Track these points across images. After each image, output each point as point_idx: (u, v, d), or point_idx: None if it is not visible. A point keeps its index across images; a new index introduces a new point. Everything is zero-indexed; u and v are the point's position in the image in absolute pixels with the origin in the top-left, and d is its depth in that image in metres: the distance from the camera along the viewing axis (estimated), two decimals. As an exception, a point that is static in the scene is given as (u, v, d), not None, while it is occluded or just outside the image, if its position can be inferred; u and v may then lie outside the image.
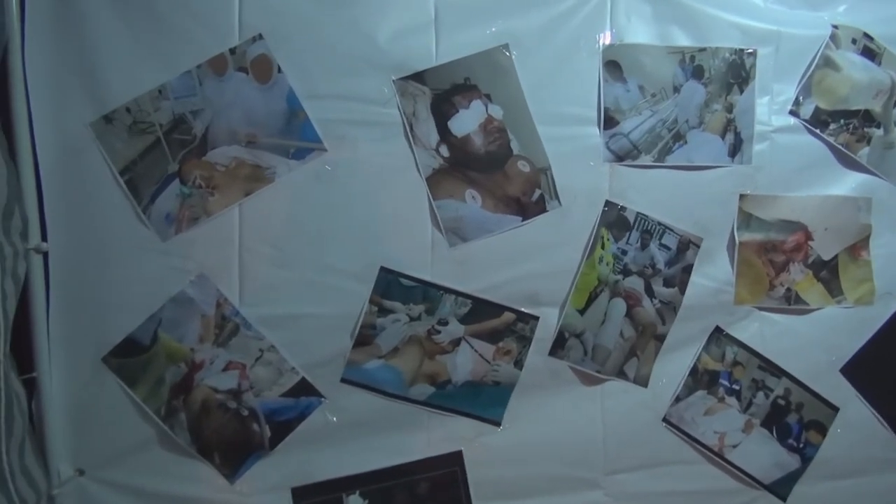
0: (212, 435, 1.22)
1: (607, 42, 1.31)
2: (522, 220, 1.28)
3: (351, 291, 1.25)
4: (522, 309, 1.30)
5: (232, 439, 1.22)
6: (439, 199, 1.25)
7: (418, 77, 1.23)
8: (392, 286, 1.25)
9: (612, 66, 1.31)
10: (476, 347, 1.29)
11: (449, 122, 1.25)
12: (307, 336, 1.25)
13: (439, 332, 1.28)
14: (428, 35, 1.24)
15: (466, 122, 1.26)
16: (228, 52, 1.19)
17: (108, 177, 1.19)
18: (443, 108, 1.25)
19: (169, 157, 1.19)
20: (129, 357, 1.19)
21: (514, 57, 1.27)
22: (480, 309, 1.28)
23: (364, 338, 1.25)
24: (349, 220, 1.25)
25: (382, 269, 1.24)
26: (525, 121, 1.27)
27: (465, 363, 1.29)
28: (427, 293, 1.26)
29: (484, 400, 1.32)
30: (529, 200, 1.28)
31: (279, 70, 1.20)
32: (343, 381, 1.26)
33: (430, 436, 1.31)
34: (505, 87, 1.27)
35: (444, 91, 1.24)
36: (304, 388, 1.25)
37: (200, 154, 1.20)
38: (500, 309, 1.29)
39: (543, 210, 1.29)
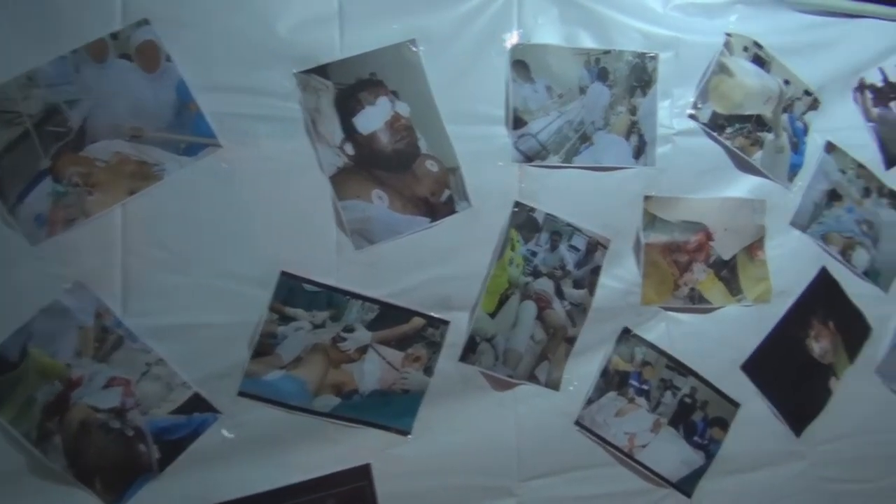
0: (92, 458, 1.22)
1: (515, 41, 1.44)
2: (431, 222, 1.39)
3: (249, 298, 1.29)
4: (432, 314, 1.40)
5: (115, 462, 1.23)
6: (344, 200, 1.33)
7: (321, 71, 1.30)
8: (294, 292, 1.31)
9: (520, 65, 1.44)
10: (384, 355, 1.38)
11: (354, 119, 1.33)
12: (201, 347, 1.27)
13: (345, 339, 1.35)
14: (332, 27, 1.32)
15: (372, 119, 1.34)
16: (110, 37, 1.21)
17: (-35, 173, 1.17)
18: (347, 104, 1.33)
19: (40, 151, 1.19)
20: (-7, 375, 1.18)
21: (421, 53, 1.37)
22: (388, 314, 1.37)
23: (264, 347, 1.30)
24: (247, 221, 1.29)
25: (283, 273, 1.30)
26: (433, 119, 1.38)
27: (372, 371, 1.37)
28: (332, 299, 1.33)
29: (393, 409, 1.40)
30: (438, 201, 1.39)
31: (168, 59, 1.23)
32: (241, 394, 1.30)
33: (337, 449, 1.37)
34: (412, 83, 1.37)
35: (348, 86, 1.32)
36: (197, 404, 1.28)
37: (77, 148, 1.21)
38: (408, 314, 1.38)
39: (453, 211, 1.40)
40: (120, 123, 1.22)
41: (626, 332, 1.55)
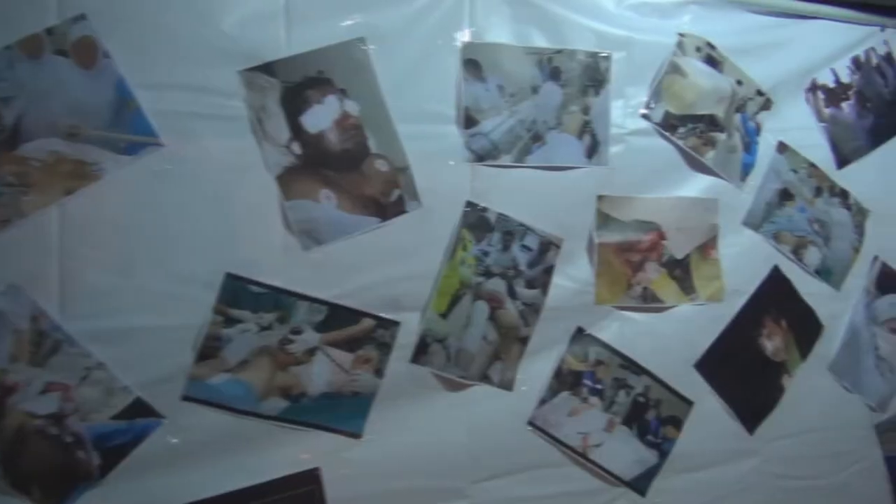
0: (29, 466, 1.19)
1: (467, 40, 1.45)
2: (381, 222, 1.38)
3: (193, 300, 1.28)
4: (382, 315, 1.40)
5: (54, 470, 1.21)
6: (291, 200, 1.32)
7: (267, 68, 1.29)
8: (239, 293, 1.30)
9: (472, 64, 1.45)
10: (333, 357, 1.37)
11: (301, 118, 1.33)
12: (143, 350, 1.26)
13: (293, 341, 1.34)
14: (277, 23, 1.31)
15: (320, 117, 1.34)
16: (45, 33, 1.19)
17: None
18: (294, 103, 1.32)
19: (-28, 150, 1.17)
20: (-78, 382, 1.15)
21: (370, 51, 1.37)
22: (337, 316, 1.37)
23: (209, 350, 1.29)
24: (191, 221, 1.27)
25: (228, 275, 1.28)
26: (383, 118, 1.38)
27: (321, 374, 1.37)
28: (279, 300, 1.32)
29: (343, 412, 1.40)
30: (388, 201, 1.39)
31: (106, 55, 1.21)
32: (185, 398, 1.28)
33: (286, 453, 1.36)
34: (361, 82, 1.37)
35: (295, 84, 1.32)
36: (139, 409, 1.26)
37: (11, 147, 1.18)
38: (358, 315, 1.38)
39: (403, 211, 1.40)
40: (56, 121, 1.20)
41: (579, 332, 1.56)
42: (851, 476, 1.88)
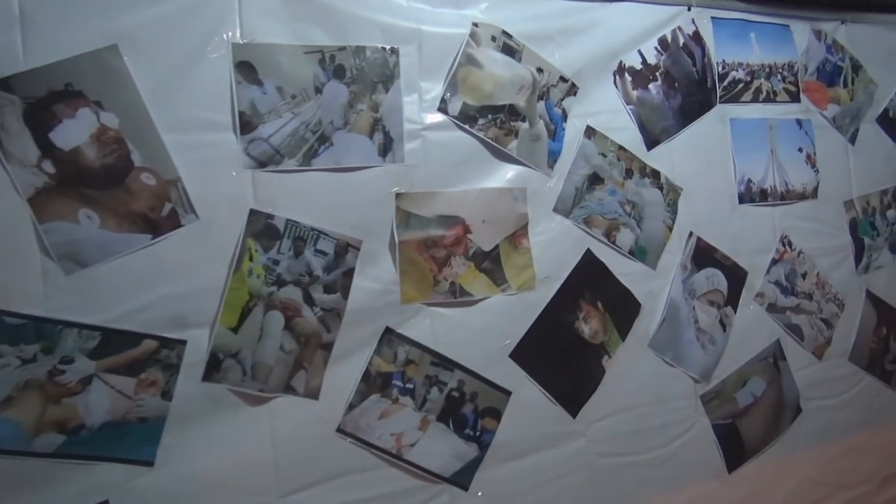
0: None
1: (237, 41, 1.44)
2: (153, 238, 1.38)
3: (-61, 339, 1.24)
4: (165, 334, 1.40)
5: None
6: (47, 222, 1.29)
7: (2, 84, 1.26)
8: (-8, 328, 1.27)
9: (245, 67, 1.45)
10: (112, 383, 1.36)
11: (51, 135, 1.29)
12: None
13: (63, 371, 1.32)
14: (13, 35, 1.27)
15: (73, 133, 1.31)
16: None
17: None
18: (41, 119, 1.29)
19: None
20: None
21: (127, 59, 1.35)
22: (113, 340, 1.35)
23: (-36, 391, 1.26)
24: (-70, 255, 1.24)
25: (-23, 308, 1.25)
26: (146, 129, 1.37)
27: (100, 402, 1.36)
28: (41, 330, 1.30)
29: (131, 440, 1.39)
30: (159, 216, 1.38)
31: None
32: (-59, 444, 1.25)
33: (69, 490, 1.34)
34: (119, 92, 1.35)
35: (39, 99, 1.28)
36: None
37: None
38: (137, 337, 1.38)
39: (178, 225, 1.40)
40: None
41: (388, 332, 1.61)
42: (680, 446, 2.03)
